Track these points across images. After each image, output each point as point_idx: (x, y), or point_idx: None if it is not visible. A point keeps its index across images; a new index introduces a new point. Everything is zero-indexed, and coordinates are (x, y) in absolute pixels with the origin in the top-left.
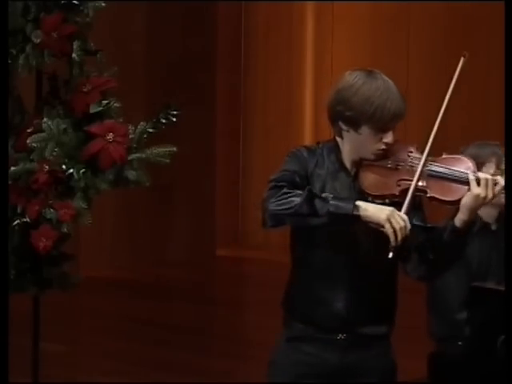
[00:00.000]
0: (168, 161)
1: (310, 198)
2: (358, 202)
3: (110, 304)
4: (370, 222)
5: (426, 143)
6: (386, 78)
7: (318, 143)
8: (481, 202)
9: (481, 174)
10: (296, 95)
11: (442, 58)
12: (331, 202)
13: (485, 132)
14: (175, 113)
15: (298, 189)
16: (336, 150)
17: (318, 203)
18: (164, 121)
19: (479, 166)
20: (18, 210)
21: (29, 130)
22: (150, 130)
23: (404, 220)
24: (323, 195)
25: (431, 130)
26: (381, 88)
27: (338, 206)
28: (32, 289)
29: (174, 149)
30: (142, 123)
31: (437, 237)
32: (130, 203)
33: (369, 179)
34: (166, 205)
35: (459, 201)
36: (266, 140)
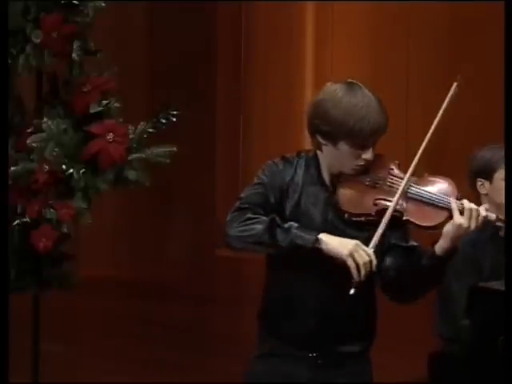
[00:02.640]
0: (168, 161)
1: (272, 227)
2: (321, 235)
3: (110, 304)
4: (333, 257)
5: (413, 161)
6: (367, 93)
7: (298, 153)
8: (463, 231)
9: (465, 204)
10: (296, 95)
11: (443, 58)
12: (294, 231)
13: (485, 132)
14: (175, 113)
15: (266, 210)
16: (315, 162)
17: (279, 233)
18: (164, 121)
19: (491, 171)
20: (18, 210)
21: (29, 130)
22: (150, 130)
23: (369, 254)
24: (286, 225)
25: (419, 147)
26: (360, 103)
27: (300, 238)
28: (32, 289)
29: (174, 149)
30: (142, 123)
31: (416, 261)
32: (130, 203)
33: (346, 195)
34: (165, 205)
35: (435, 227)
36: (265, 140)
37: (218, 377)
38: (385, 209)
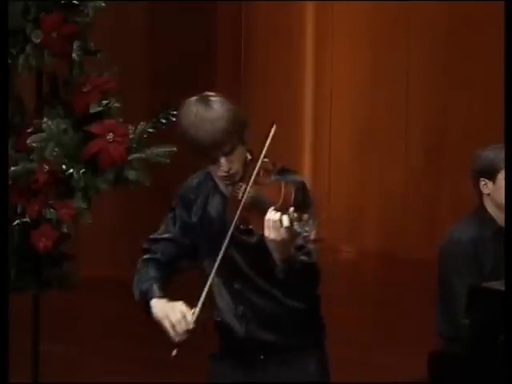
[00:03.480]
0: (168, 161)
1: (138, 282)
2: (153, 301)
3: (110, 304)
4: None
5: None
6: (212, 106)
7: (200, 173)
8: (271, 243)
9: (271, 215)
10: (296, 95)
11: (443, 58)
12: (143, 288)
13: (484, 132)
14: (175, 113)
15: (173, 252)
16: (211, 176)
17: (136, 288)
18: (164, 121)
19: (494, 172)
20: (18, 210)
21: (29, 130)
22: (150, 130)
23: (182, 312)
24: (144, 281)
25: (257, 158)
26: (199, 118)
27: (140, 297)
28: (32, 289)
29: (174, 149)
30: (142, 123)
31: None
32: (130, 203)
33: (228, 205)
34: (166, 205)
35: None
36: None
37: None
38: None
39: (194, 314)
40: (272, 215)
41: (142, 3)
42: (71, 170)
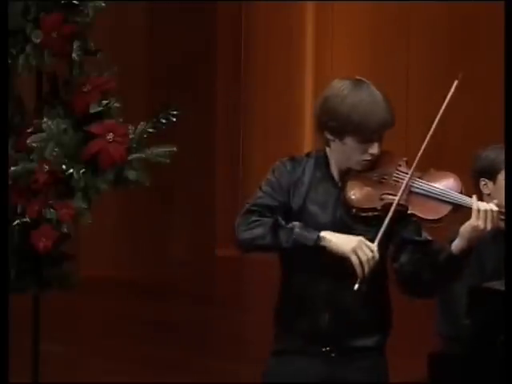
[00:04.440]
0: (168, 161)
1: (275, 228)
2: (323, 233)
3: (110, 304)
4: (336, 254)
5: (414, 158)
6: (373, 89)
7: (307, 154)
8: (479, 233)
9: (482, 205)
10: (296, 95)
11: (443, 58)
12: (296, 230)
13: (484, 132)
14: (175, 113)
15: (273, 211)
16: (324, 159)
17: (282, 234)
18: (164, 121)
19: (494, 172)
20: (18, 210)
21: (29, 130)
22: (150, 130)
23: (372, 250)
24: (289, 225)
25: (420, 146)
26: (366, 99)
27: (302, 237)
28: (32, 289)
29: (174, 149)
30: (142, 123)
31: (433, 257)
32: (130, 203)
33: (353, 191)
34: (166, 205)
35: (439, 220)
36: (265, 140)
37: (217, 377)
38: (390, 203)
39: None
40: (482, 204)
41: (141, 3)
42: (71, 170)
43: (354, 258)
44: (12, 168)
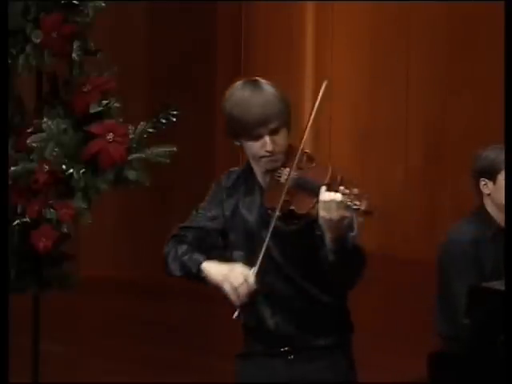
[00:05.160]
0: (168, 161)
1: (173, 258)
2: (204, 264)
3: (110, 304)
4: (213, 284)
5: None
6: (263, 87)
7: (246, 162)
8: (330, 223)
9: (322, 195)
10: (296, 95)
11: (443, 58)
12: (182, 259)
13: (485, 133)
14: (175, 113)
15: (196, 233)
16: (249, 166)
17: (171, 263)
18: (164, 121)
19: (494, 172)
20: (18, 210)
21: (29, 130)
22: (150, 130)
23: (244, 275)
24: (180, 253)
25: (301, 140)
26: (246, 97)
27: (187, 266)
28: (32, 289)
29: (174, 149)
30: (142, 123)
31: (323, 254)
32: (130, 203)
33: (266, 192)
34: (166, 205)
35: (307, 214)
36: None
37: (217, 376)
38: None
39: (253, 274)
40: (325, 195)
41: (142, 3)
42: (71, 170)
43: (226, 286)
44: (12, 168)
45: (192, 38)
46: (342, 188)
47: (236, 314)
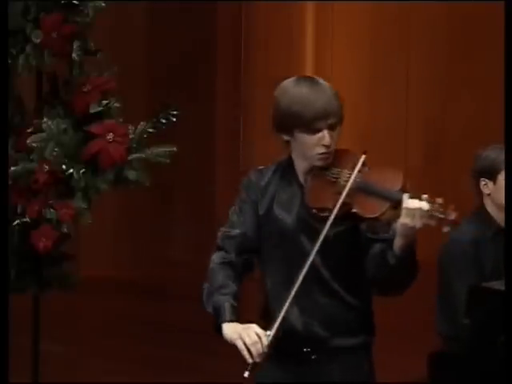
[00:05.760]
0: (168, 161)
1: (207, 295)
2: (224, 324)
3: (110, 304)
4: (229, 342)
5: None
6: (318, 82)
7: (274, 162)
8: (410, 231)
9: (409, 203)
10: None
11: (443, 58)
12: (214, 305)
13: (485, 133)
14: (175, 113)
15: (237, 241)
16: (288, 162)
17: (205, 299)
18: (164, 121)
19: (495, 172)
20: (18, 210)
21: (29, 130)
22: (150, 130)
23: (258, 334)
24: (215, 300)
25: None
26: (305, 90)
27: (215, 310)
28: (32, 289)
29: (174, 149)
30: (142, 123)
31: (382, 255)
32: (130, 203)
33: (312, 191)
34: (166, 205)
35: (377, 217)
36: (265, 140)
37: (218, 377)
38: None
39: (268, 336)
40: (410, 203)
41: (142, 3)
42: (71, 170)
43: (239, 343)
44: (12, 168)
45: (192, 38)
46: (425, 196)
47: (246, 373)
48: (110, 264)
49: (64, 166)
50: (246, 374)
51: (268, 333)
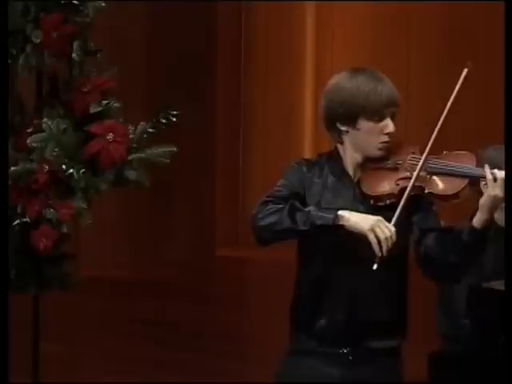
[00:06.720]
0: (168, 161)
1: (292, 211)
2: (341, 212)
3: (110, 304)
4: (354, 232)
5: (427, 142)
6: (377, 71)
7: (319, 155)
8: (499, 202)
9: (498, 173)
10: (296, 95)
11: (443, 58)
12: (313, 213)
13: (484, 132)
14: (175, 113)
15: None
16: (337, 157)
17: (299, 217)
18: (164, 121)
19: None
20: (18, 210)
21: (29, 130)
22: (150, 130)
23: (390, 230)
24: (307, 208)
25: (433, 129)
26: (368, 78)
27: (319, 217)
28: (32, 289)
29: (174, 149)
30: (142, 123)
31: (455, 240)
32: (130, 203)
33: (369, 181)
34: (166, 205)
35: (456, 195)
36: (265, 140)
37: (218, 377)
38: (406, 187)
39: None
40: (498, 173)
41: (141, 3)
42: (71, 170)
43: (371, 237)
44: (12, 168)
45: (192, 38)
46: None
47: (375, 265)
48: (109, 264)
49: (64, 166)
50: (375, 266)
51: (392, 226)
